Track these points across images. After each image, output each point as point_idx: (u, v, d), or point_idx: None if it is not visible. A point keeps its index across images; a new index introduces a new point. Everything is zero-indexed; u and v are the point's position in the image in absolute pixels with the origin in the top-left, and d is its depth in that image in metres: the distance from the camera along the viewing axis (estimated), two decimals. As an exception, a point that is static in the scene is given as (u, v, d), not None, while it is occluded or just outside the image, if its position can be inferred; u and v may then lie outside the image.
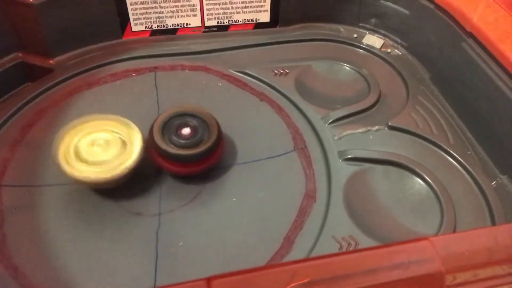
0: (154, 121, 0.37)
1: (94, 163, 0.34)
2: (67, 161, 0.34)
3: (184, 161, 0.35)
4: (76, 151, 0.35)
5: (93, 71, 0.47)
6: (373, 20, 0.54)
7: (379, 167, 0.39)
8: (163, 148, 0.35)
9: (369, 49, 0.53)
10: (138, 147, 0.35)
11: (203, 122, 0.37)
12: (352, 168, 0.39)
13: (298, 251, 0.33)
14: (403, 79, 0.49)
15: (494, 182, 0.39)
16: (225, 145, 0.38)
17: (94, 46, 0.50)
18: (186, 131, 0.36)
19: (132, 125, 0.37)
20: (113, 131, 0.36)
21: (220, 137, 0.37)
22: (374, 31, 0.55)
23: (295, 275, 0.21)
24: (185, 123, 0.37)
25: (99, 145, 0.35)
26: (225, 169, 0.39)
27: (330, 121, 0.43)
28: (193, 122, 0.37)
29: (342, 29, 0.55)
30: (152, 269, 0.32)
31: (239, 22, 0.53)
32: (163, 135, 0.36)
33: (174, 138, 0.36)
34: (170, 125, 0.37)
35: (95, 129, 0.36)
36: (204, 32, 0.53)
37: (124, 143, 0.36)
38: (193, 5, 0.51)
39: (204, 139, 0.36)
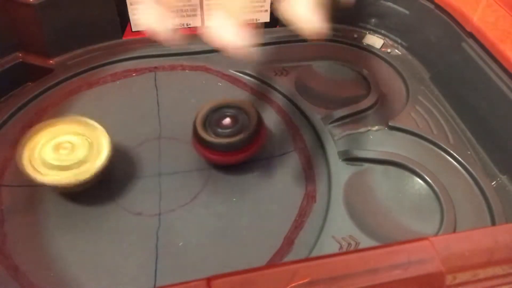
0: (195, 117, 0.38)
1: (60, 168, 0.33)
2: (33, 166, 0.33)
3: (230, 149, 0.36)
4: (41, 156, 0.34)
5: (93, 71, 0.47)
6: (373, 20, 0.54)
7: (379, 167, 0.39)
8: (208, 140, 0.36)
9: (369, 49, 0.53)
10: (106, 150, 0.35)
11: (241, 111, 0.38)
12: (352, 168, 0.39)
13: (298, 251, 0.33)
14: (403, 79, 0.49)
15: (494, 182, 0.39)
16: (266, 132, 0.39)
17: (94, 46, 0.50)
18: (226, 121, 0.37)
19: (99, 127, 0.36)
20: (79, 134, 0.36)
21: (261, 122, 0.38)
22: (374, 31, 0.55)
23: (295, 275, 0.21)
24: (224, 114, 0.38)
25: (65, 148, 0.34)
26: (225, 169, 0.39)
27: (330, 121, 0.43)
28: (232, 112, 0.38)
29: (342, 29, 0.55)
30: (152, 269, 0.32)
31: (239, 22, 0.53)
32: (206, 128, 0.37)
33: (217, 130, 0.37)
34: (211, 119, 0.38)
35: (60, 132, 0.35)
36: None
37: (91, 145, 0.35)
38: (193, 5, 0.51)
39: (244, 126, 0.37)
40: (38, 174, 0.33)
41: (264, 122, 0.39)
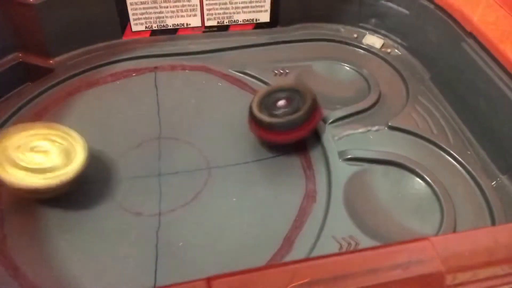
0: (251, 102, 0.39)
1: (33, 170, 0.33)
2: (4, 167, 0.32)
3: (288, 127, 0.38)
4: (12, 158, 0.33)
5: (93, 71, 0.47)
6: (373, 20, 0.54)
7: (379, 167, 0.39)
8: (267, 121, 0.38)
9: (369, 49, 0.53)
10: (81, 155, 0.34)
11: (295, 92, 0.40)
12: (352, 168, 0.39)
13: (298, 251, 0.33)
14: (403, 79, 0.49)
15: (494, 182, 0.39)
16: (321, 109, 0.40)
17: (94, 46, 0.50)
18: (281, 103, 0.39)
19: (75, 134, 0.35)
20: (54, 140, 0.35)
21: (315, 101, 0.39)
22: (374, 31, 0.55)
23: (295, 275, 0.21)
24: (279, 97, 0.40)
25: (38, 151, 0.34)
26: (225, 169, 0.39)
27: (330, 121, 0.43)
28: (286, 94, 0.40)
29: (342, 29, 0.55)
30: (152, 269, 0.32)
31: (239, 22, 0.53)
32: (262, 111, 0.39)
33: (274, 112, 0.39)
34: (268, 102, 0.39)
35: (35, 137, 0.35)
36: (204, 32, 0.53)
37: (66, 152, 0.34)
38: (193, 5, 0.51)
39: (299, 106, 0.38)
40: (6, 174, 0.32)
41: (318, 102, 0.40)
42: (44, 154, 0.34)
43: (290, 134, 0.38)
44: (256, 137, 0.40)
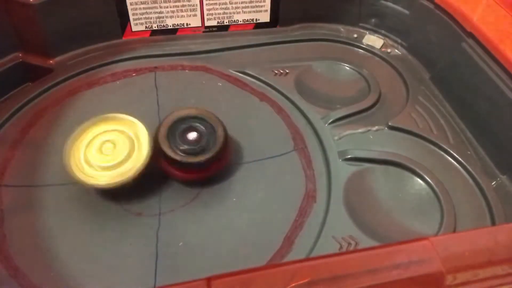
0: (160, 125, 0.36)
1: (106, 168, 0.34)
2: (81, 171, 0.34)
3: (188, 167, 0.35)
4: (86, 160, 0.34)
5: (93, 71, 0.47)
6: (373, 20, 0.54)
7: (379, 167, 0.39)
8: (168, 154, 0.34)
9: (369, 49, 0.53)
10: (147, 145, 0.35)
11: (208, 126, 0.36)
12: (352, 168, 0.39)
13: (298, 251, 0.33)
14: (403, 79, 0.49)
15: (494, 182, 0.39)
16: (231, 151, 0.38)
17: (94, 46, 0.50)
18: (192, 135, 0.36)
19: (138, 122, 0.36)
20: (119, 131, 0.36)
21: (226, 143, 0.36)
22: (374, 31, 0.55)
23: (295, 275, 0.21)
24: (191, 127, 0.36)
25: (107, 148, 0.35)
26: (225, 169, 0.39)
27: (330, 121, 0.43)
28: (198, 126, 0.36)
29: (342, 29, 0.55)
30: (152, 269, 0.32)
31: (239, 22, 0.53)
32: (169, 139, 0.35)
33: (180, 144, 0.35)
34: (175, 129, 0.36)
35: (101, 131, 0.36)
36: (204, 32, 0.53)
37: (132, 142, 0.35)
38: (193, 5, 0.51)
39: (209, 145, 0.35)
40: (88, 177, 0.33)
41: (230, 142, 0.37)
42: (113, 149, 0.35)
43: (192, 173, 0.36)
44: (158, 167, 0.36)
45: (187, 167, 0.35)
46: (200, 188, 0.37)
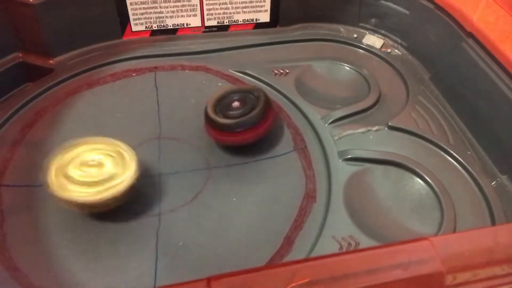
0: (207, 103, 0.39)
1: (88, 184, 0.32)
2: (62, 187, 0.32)
3: (243, 127, 0.38)
4: (67, 176, 0.33)
5: (93, 71, 0.47)
6: (373, 20, 0.54)
7: (379, 167, 0.39)
8: (221, 122, 0.38)
9: (369, 49, 0.53)
10: (133, 166, 0.34)
11: (248, 93, 0.40)
12: (352, 168, 0.39)
13: (298, 251, 0.33)
14: (403, 79, 0.49)
15: (494, 182, 0.39)
16: (274, 109, 0.41)
17: (94, 46, 0.50)
18: (236, 104, 0.39)
19: (122, 145, 0.35)
20: (103, 151, 0.35)
21: (269, 102, 0.39)
22: (374, 31, 0.55)
23: (295, 275, 0.21)
24: (234, 99, 0.40)
25: (91, 166, 0.34)
26: (225, 169, 0.39)
27: (330, 121, 0.43)
28: (239, 96, 0.40)
29: (342, 29, 0.55)
30: (152, 269, 0.32)
31: (239, 22, 0.53)
32: (217, 113, 0.39)
33: (228, 112, 0.39)
34: (222, 104, 0.40)
35: (84, 151, 0.34)
36: (204, 32, 0.53)
37: (116, 162, 0.34)
38: (193, 5, 0.51)
39: (253, 107, 0.39)
40: (66, 191, 0.32)
41: (272, 104, 0.40)
42: (98, 166, 0.34)
43: (245, 134, 0.38)
44: (213, 140, 0.40)
45: (230, 128, 0.38)
46: (200, 188, 0.37)
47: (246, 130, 0.38)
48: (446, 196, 0.37)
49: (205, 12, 0.51)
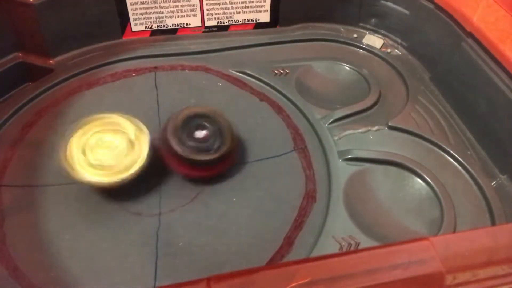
0: (169, 119, 0.36)
1: (101, 167, 0.34)
2: (75, 164, 0.34)
3: (195, 165, 0.35)
4: (83, 154, 0.34)
5: (93, 71, 0.47)
6: (373, 20, 0.54)
7: (379, 167, 0.39)
8: (175, 149, 0.35)
9: (369, 49, 0.53)
10: (146, 148, 0.35)
11: (217, 125, 0.36)
12: (352, 168, 0.39)
13: (298, 251, 0.33)
14: (403, 79, 0.49)
15: (494, 182, 0.39)
16: (237, 151, 0.38)
17: (94, 46, 0.50)
18: (201, 133, 0.36)
19: (140, 124, 0.36)
20: (120, 131, 0.36)
21: (234, 144, 0.36)
22: (374, 31, 0.55)
23: (295, 275, 0.21)
24: (200, 125, 0.36)
25: (106, 147, 0.35)
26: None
27: (330, 121, 0.43)
28: (208, 124, 0.36)
29: (342, 29, 0.55)
30: (152, 269, 0.32)
31: (239, 22, 0.53)
32: (178, 135, 0.35)
33: (188, 140, 0.35)
34: (184, 126, 0.36)
35: (102, 128, 0.36)
36: (204, 32, 0.53)
37: (131, 143, 0.35)
38: (193, 5, 0.51)
39: (217, 144, 0.36)
40: (81, 173, 0.33)
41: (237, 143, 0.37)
42: (112, 148, 0.35)
43: (199, 171, 0.36)
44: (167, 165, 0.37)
45: (194, 164, 0.35)
46: (200, 188, 0.37)
47: (202, 168, 0.35)
48: (446, 196, 0.37)
49: (205, 12, 0.51)
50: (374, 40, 0.54)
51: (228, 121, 0.37)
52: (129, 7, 0.49)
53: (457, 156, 0.40)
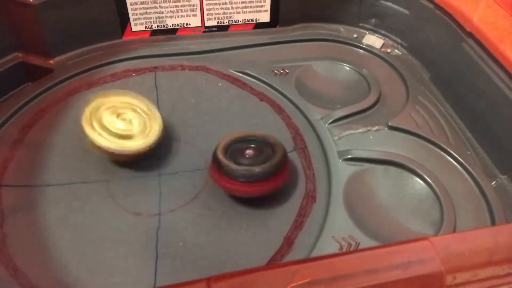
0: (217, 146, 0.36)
1: (117, 135, 0.36)
2: (92, 127, 0.36)
3: (250, 179, 0.34)
4: (100, 121, 0.36)
5: (93, 71, 0.47)
6: (373, 20, 0.54)
7: (379, 167, 0.39)
8: (230, 167, 0.34)
9: (369, 49, 0.53)
10: (158, 127, 0.37)
11: (265, 143, 0.36)
12: (352, 168, 0.39)
13: (298, 251, 0.33)
14: (403, 79, 0.49)
15: (494, 182, 0.39)
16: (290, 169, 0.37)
17: (94, 46, 0.50)
18: (249, 152, 0.36)
19: (154, 108, 0.39)
20: (137, 108, 0.38)
21: (285, 158, 0.35)
22: (374, 31, 0.55)
23: (295, 275, 0.21)
24: (247, 146, 0.36)
25: (123, 119, 0.37)
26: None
27: (330, 121, 0.43)
28: (255, 143, 0.36)
29: (342, 29, 0.55)
30: (152, 269, 0.32)
31: (239, 22, 0.53)
32: (227, 157, 0.35)
33: (240, 160, 0.35)
34: (234, 149, 0.36)
35: (121, 104, 0.38)
36: (204, 32, 0.53)
37: (144, 124, 0.37)
38: (193, 5, 0.51)
39: (269, 158, 0.35)
40: (100, 137, 0.36)
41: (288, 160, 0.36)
42: (129, 122, 0.37)
43: (253, 186, 0.34)
44: (217, 186, 0.36)
45: (246, 178, 0.34)
46: (200, 188, 0.37)
47: (256, 182, 0.34)
48: (446, 196, 0.37)
49: (205, 12, 0.51)
50: (374, 40, 0.54)
51: (276, 138, 0.37)
52: (129, 7, 0.49)
53: (457, 156, 0.40)
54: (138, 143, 0.36)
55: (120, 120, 0.37)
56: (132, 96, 0.39)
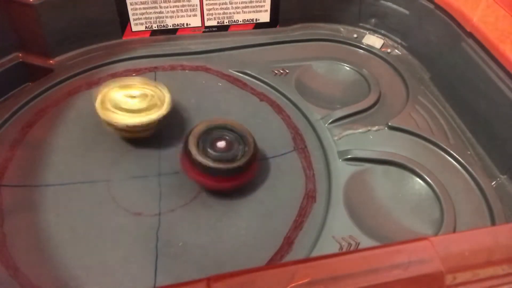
0: (190, 131, 0.36)
1: (129, 111, 0.38)
2: (107, 109, 0.38)
3: (217, 174, 0.34)
4: (114, 101, 0.38)
5: (93, 71, 0.47)
6: (373, 20, 0.54)
7: (379, 167, 0.39)
8: (199, 160, 0.34)
9: (369, 49, 0.53)
10: (167, 102, 0.39)
11: (238, 137, 0.36)
12: (352, 168, 0.39)
13: (298, 251, 0.33)
14: (403, 79, 0.49)
15: (494, 182, 0.39)
16: (258, 163, 0.37)
17: (94, 46, 0.50)
18: (221, 144, 0.36)
19: (164, 88, 0.40)
20: (147, 88, 0.40)
21: (255, 155, 0.36)
22: (374, 31, 0.55)
23: (295, 275, 0.21)
24: (221, 136, 0.36)
25: (134, 97, 0.39)
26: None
27: (330, 121, 0.43)
28: (229, 136, 0.36)
29: (342, 29, 0.55)
30: (152, 269, 0.32)
31: (239, 22, 0.53)
32: (198, 146, 0.35)
33: (209, 151, 0.35)
34: (206, 137, 0.36)
35: (132, 86, 0.40)
36: (204, 32, 0.53)
37: (154, 103, 0.39)
38: (193, 5, 0.51)
39: (238, 154, 0.35)
40: (110, 113, 0.38)
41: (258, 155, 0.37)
42: (139, 99, 0.39)
43: (223, 182, 0.35)
44: (187, 175, 0.36)
45: (217, 174, 0.34)
46: (200, 188, 0.37)
47: (227, 178, 0.35)
48: (446, 196, 0.37)
49: (205, 12, 0.51)
50: (374, 40, 0.54)
51: (248, 130, 0.37)
52: (129, 7, 0.49)
53: (457, 156, 0.40)
54: (152, 116, 0.38)
55: (132, 98, 0.39)
56: (138, 78, 0.41)
